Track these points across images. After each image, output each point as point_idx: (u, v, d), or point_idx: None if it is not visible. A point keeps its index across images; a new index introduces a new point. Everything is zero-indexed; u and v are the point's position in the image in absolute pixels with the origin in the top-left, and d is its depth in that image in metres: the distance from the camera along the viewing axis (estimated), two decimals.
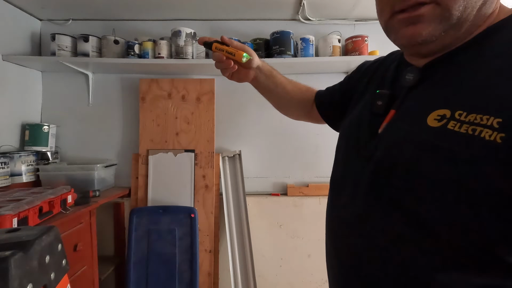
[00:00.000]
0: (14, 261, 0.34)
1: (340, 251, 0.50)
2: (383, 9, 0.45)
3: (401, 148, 0.41)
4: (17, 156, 1.72)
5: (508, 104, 0.33)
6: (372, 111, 0.51)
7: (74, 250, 1.44)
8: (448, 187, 0.36)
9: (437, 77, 0.43)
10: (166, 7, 1.88)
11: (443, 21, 0.39)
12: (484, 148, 0.33)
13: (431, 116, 0.39)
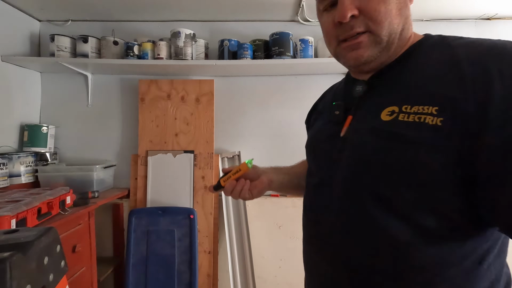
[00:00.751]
0: (13, 262, 0.34)
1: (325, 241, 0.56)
2: (330, 40, 0.56)
3: (364, 141, 0.51)
4: (15, 157, 1.71)
5: (438, 96, 0.44)
6: (331, 120, 0.60)
7: (73, 251, 1.44)
8: (407, 165, 0.45)
9: (381, 85, 0.54)
10: (166, 8, 1.88)
11: (377, 45, 0.51)
12: (430, 130, 0.43)
13: (383, 113, 0.49)
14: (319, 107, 0.74)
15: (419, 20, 2.08)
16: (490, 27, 2.09)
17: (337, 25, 0.52)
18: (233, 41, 1.89)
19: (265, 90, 2.06)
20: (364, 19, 0.50)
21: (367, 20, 0.50)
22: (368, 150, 0.50)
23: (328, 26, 0.54)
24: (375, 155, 0.48)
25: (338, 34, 0.53)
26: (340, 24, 0.51)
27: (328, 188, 0.56)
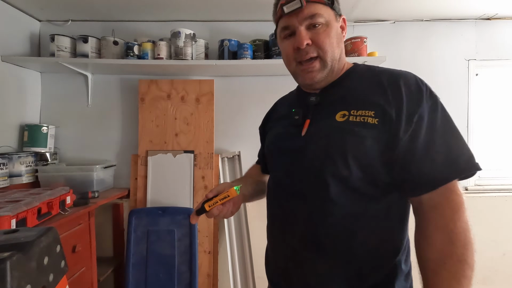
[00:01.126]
0: (12, 262, 0.34)
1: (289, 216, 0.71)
2: (290, 61, 0.73)
3: (326, 136, 0.67)
4: (15, 157, 1.71)
5: (374, 104, 0.64)
6: (292, 123, 0.75)
7: (72, 251, 1.44)
8: (359, 152, 0.63)
9: (329, 97, 0.72)
10: (166, 8, 1.88)
11: (324, 69, 0.71)
12: (371, 128, 0.63)
13: (337, 115, 0.67)
14: (273, 116, 0.89)
15: (419, 20, 2.08)
16: (490, 27, 2.09)
17: (295, 50, 0.70)
18: (233, 41, 1.89)
19: (265, 90, 2.06)
20: (315, 47, 0.69)
21: (317, 48, 0.69)
22: (330, 143, 0.66)
23: (289, 50, 0.71)
24: (335, 146, 0.65)
25: (296, 57, 0.71)
26: (298, 50, 0.69)
27: (292, 177, 0.71)
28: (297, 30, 0.68)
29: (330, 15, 0.70)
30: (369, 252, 0.64)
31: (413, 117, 0.62)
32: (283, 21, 0.71)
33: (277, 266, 0.77)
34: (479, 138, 2.12)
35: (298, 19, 0.68)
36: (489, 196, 2.03)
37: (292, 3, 0.67)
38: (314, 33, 0.68)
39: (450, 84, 2.09)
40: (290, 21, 0.69)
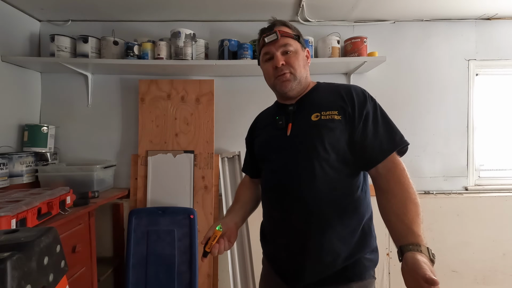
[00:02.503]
0: (13, 262, 0.34)
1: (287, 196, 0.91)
2: (270, 77, 0.99)
3: (308, 132, 0.91)
4: (15, 157, 1.71)
5: (336, 106, 0.90)
6: (277, 128, 0.97)
7: (73, 251, 1.44)
8: (332, 140, 0.87)
9: (303, 105, 0.97)
10: (166, 8, 1.88)
11: (295, 80, 0.96)
12: (337, 122, 0.88)
13: (312, 116, 0.92)
14: (258, 127, 1.11)
15: (419, 20, 2.08)
16: (490, 27, 2.09)
17: (274, 69, 0.96)
18: (233, 41, 1.89)
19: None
20: (288, 66, 0.95)
21: (289, 66, 0.95)
22: (311, 136, 0.90)
23: (269, 69, 0.98)
24: (316, 138, 0.89)
25: (274, 73, 0.96)
26: (276, 68, 0.95)
27: (285, 166, 0.92)
28: (275, 54, 0.95)
29: (297, 46, 0.99)
30: (348, 216, 0.90)
31: (362, 113, 0.89)
32: (265, 49, 0.98)
33: (278, 234, 0.97)
34: (479, 138, 2.13)
35: (275, 47, 0.95)
36: (489, 196, 2.03)
37: (271, 36, 0.96)
38: (287, 57, 0.95)
39: (450, 84, 2.09)
40: (270, 49, 0.97)
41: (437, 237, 2.00)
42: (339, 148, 0.88)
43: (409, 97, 2.09)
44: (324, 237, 0.86)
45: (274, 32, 0.95)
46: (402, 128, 2.23)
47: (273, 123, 0.99)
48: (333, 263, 0.87)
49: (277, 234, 0.97)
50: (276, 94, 1.06)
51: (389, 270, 2.01)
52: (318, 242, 0.86)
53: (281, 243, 0.94)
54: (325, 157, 0.87)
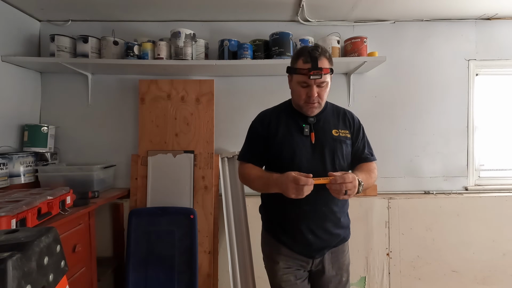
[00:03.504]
0: (13, 262, 0.34)
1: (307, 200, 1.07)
2: (301, 100, 1.16)
3: (329, 144, 1.19)
4: (15, 157, 1.71)
5: (345, 126, 1.26)
6: (303, 135, 1.19)
7: (73, 251, 1.44)
8: (344, 153, 1.21)
9: (320, 120, 1.22)
10: (166, 8, 1.88)
11: (320, 108, 1.20)
12: (349, 139, 1.24)
13: (332, 131, 1.21)
14: (273, 124, 1.24)
15: (419, 20, 2.08)
16: (490, 27, 2.09)
17: (307, 96, 1.14)
18: (233, 41, 1.89)
19: (265, 90, 2.06)
20: (318, 98, 1.14)
21: (319, 98, 1.15)
22: (335, 147, 1.19)
23: (302, 94, 1.15)
24: (338, 149, 1.19)
25: (306, 100, 1.15)
26: (309, 97, 1.14)
27: (310, 170, 1.08)
28: (312, 87, 1.12)
29: (329, 78, 1.16)
30: (347, 205, 1.30)
31: (359, 134, 1.26)
32: (305, 78, 1.11)
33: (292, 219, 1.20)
34: (479, 138, 2.13)
35: (315, 82, 1.12)
36: (489, 196, 2.03)
37: (316, 76, 1.10)
38: (319, 90, 1.14)
39: (450, 84, 2.09)
40: (309, 81, 1.12)
41: (437, 237, 2.00)
42: (348, 158, 1.23)
43: (409, 97, 2.09)
44: (338, 218, 1.22)
45: (320, 74, 1.09)
46: (402, 128, 2.25)
47: (297, 127, 1.20)
48: (342, 233, 1.25)
49: (301, 221, 1.18)
50: (294, 104, 1.24)
51: (389, 270, 2.01)
52: (334, 222, 1.21)
53: (306, 228, 1.18)
54: (341, 164, 1.19)
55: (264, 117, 1.29)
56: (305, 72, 1.10)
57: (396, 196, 2.02)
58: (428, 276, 2.00)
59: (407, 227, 2.00)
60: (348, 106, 2.06)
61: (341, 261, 1.27)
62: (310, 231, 1.18)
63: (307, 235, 1.18)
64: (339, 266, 1.26)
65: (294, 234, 1.20)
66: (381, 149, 2.07)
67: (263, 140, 1.24)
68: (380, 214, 2.00)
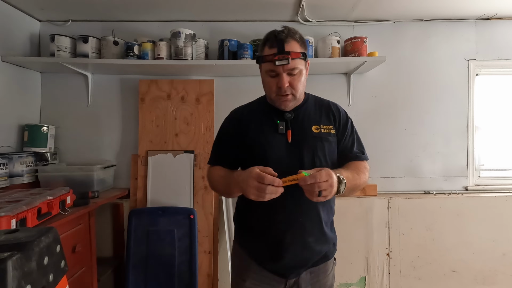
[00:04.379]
0: (13, 262, 0.34)
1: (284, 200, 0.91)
2: (271, 92, 1.01)
3: (308, 142, 1.01)
4: (15, 157, 1.71)
5: (330, 120, 1.08)
6: (277, 131, 1.03)
7: (73, 251, 1.44)
8: (327, 152, 1.02)
9: (299, 115, 1.05)
10: (166, 8, 1.88)
11: (294, 100, 1.01)
12: (333, 136, 1.06)
13: (313, 128, 1.04)
14: (245, 121, 1.10)
15: (419, 20, 2.08)
16: (490, 27, 2.09)
17: (277, 87, 0.98)
18: (233, 41, 1.89)
19: None
20: (290, 88, 0.98)
21: (292, 89, 0.99)
22: (315, 147, 1.01)
23: (272, 86, 1.00)
24: (319, 149, 1.02)
25: (277, 91, 0.99)
26: (280, 88, 0.98)
27: (288, 173, 0.89)
28: (281, 76, 0.96)
29: (303, 65, 1.00)
30: (332, 212, 1.11)
31: (346, 129, 1.09)
32: (271, 66, 0.96)
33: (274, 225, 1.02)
34: (479, 138, 2.13)
35: (283, 69, 0.96)
36: (489, 196, 2.03)
37: (282, 61, 0.94)
38: (291, 79, 0.97)
39: (450, 84, 2.09)
40: (277, 68, 0.96)
41: (437, 237, 2.00)
42: (333, 158, 1.05)
43: (409, 97, 2.09)
44: (321, 231, 1.04)
45: (287, 59, 0.93)
46: (402, 128, 2.24)
47: (271, 124, 1.04)
48: (324, 249, 1.06)
49: (274, 233, 1.01)
50: (267, 98, 1.08)
51: (389, 270, 2.01)
52: (315, 237, 1.02)
53: (279, 241, 1.00)
54: (323, 165, 0.98)
55: (235, 114, 1.17)
56: (271, 58, 0.95)
57: (396, 196, 2.02)
58: (428, 276, 2.00)
59: (407, 227, 2.00)
60: (348, 106, 2.06)
61: (322, 282, 1.06)
62: (285, 245, 0.99)
63: (281, 250, 0.99)
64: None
65: (266, 248, 1.02)
66: (381, 149, 2.08)
67: (233, 140, 1.09)
68: (380, 214, 2.00)
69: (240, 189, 0.90)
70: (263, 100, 1.13)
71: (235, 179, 0.94)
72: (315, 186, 0.82)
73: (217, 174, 1.09)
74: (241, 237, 1.13)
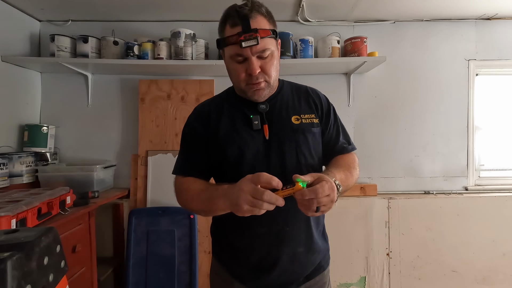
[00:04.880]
0: (13, 262, 0.34)
1: None
2: (241, 82, 0.85)
3: (288, 137, 0.87)
4: (15, 157, 1.71)
5: (311, 109, 0.93)
6: (251, 128, 0.87)
7: (73, 251, 1.44)
8: (314, 143, 0.90)
9: (275, 105, 0.90)
10: (166, 8, 1.88)
11: (268, 88, 0.86)
12: (316, 126, 0.90)
13: (292, 119, 0.89)
14: (213, 119, 0.92)
15: (419, 20, 2.08)
16: (490, 27, 2.09)
17: (247, 75, 0.83)
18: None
19: None
20: (263, 74, 0.83)
21: (265, 74, 0.83)
22: (297, 141, 0.87)
23: (240, 73, 0.83)
24: (302, 143, 0.87)
25: (247, 79, 0.84)
26: (250, 75, 0.82)
27: (265, 165, 0.84)
28: (250, 60, 0.80)
29: (274, 45, 0.84)
30: (322, 217, 0.97)
31: (329, 117, 0.95)
32: (238, 48, 0.79)
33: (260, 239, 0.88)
34: (479, 138, 2.13)
35: (252, 52, 0.79)
36: (489, 196, 2.03)
37: (250, 41, 0.77)
38: (263, 62, 0.82)
39: (450, 84, 2.09)
40: (244, 52, 0.79)
41: (437, 237, 2.00)
42: (319, 152, 0.91)
43: (409, 97, 2.09)
44: (310, 239, 0.90)
45: (255, 37, 0.76)
46: (402, 128, 2.24)
47: (243, 120, 0.88)
48: (317, 259, 0.93)
49: (259, 244, 0.86)
50: (236, 89, 0.93)
51: (389, 270, 2.01)
52: (305, 246, 0.89)
53: (266, 254, 0.86)
54: (308, 162, 0.87)
55: (202, 111, 0.94)
56: (235, 39, 0.78)
57: (396, 196, 2.02)
58: (428, 276, 2.00)
59: (407, 227, 2.00)
60: (348, 106, 2.06)
61: None
62: (271, 260, 0.85)
63: (267, 266, 0.85)
64: None
65: (250, 265, 0.87)
66: (381, 149, 2.08)
67: (203, 142, 0.90)
68: (380, 214, 2.00)
69: (227, 206, 0.72)
70: (232, 91, 0.97)
71: (220, 192, 0.75)
72: (314, 201, 0.67)
73: (192, 189, 0.85)
74: (220, 252, 0.95)
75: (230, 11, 0.82)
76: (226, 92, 1.00)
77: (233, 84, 0.92)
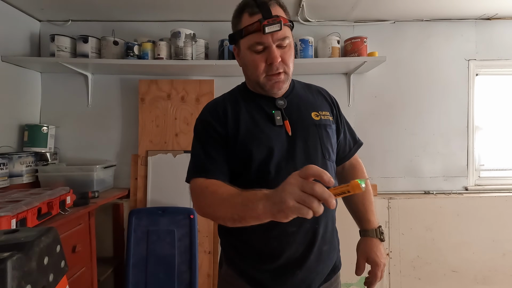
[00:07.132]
0: (13, 262, 0.34)
1: None
2: (260, 73, 0.81)
3: (312, 133, 0.85)
4: (15, 157, 1.71)
5: (326, 107, 0.93)
6: (276, 125, 0.84)
7: (73, 251, 1.44)
8: (332, 142, 0.88)
9: (292, 101, 0.88)
10: (166, 8, 1.88)
11: (287, 81, 0.85)
12: (331, 123, 0.90)
13: (312, 115, 0.88)
14: (231, 117, 0.85)
15: (419, 20, 2.08)
16: (490, 27, 2.09)
17: (267, 64, 0.80)
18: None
19: None
20: (282, 64, 0.80)
21: (284, 65, 0.81)
22: (321, 137, 0.86)
23: (260, 64, 0.80)
24: (325, 139, 0.86)
25: (267, 70, 0.81)
26: (270, 65, 0.79)
27: (291, 162, 0.81)
28: (271, 48, 0.78)
29: (291, 36, 0.82)
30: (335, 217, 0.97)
31: (340, 115, 0.96)
32: (258, 37, 0.77)
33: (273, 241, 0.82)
34: (479, 138, 2.13)
35: (273, 39, 0.77)
36: (489, 196, 2.03)
37: (273, 26, 0.75)
38: (282, 52, 0.80)
39: (450, 84, 2.09)
40: (266, 39, 0.77)
41: (437, 237, 2.00)
42: (334, 149, 0.91)
43: (409, 97, 2.09)
44: (333, 236, 0.93)
45: (278, 22, 0.74)
46: (402, 128, 2.24)
47: (264, 115, 0.84)
48: (334, 258, 0.95)
49: (285, 245, 0.80)
50: (251, 84, 0.89)
51: (389, 270, 2.01)
52: (329, 244, 0.89)
53: (293, 255, 0.80)
54: (332, 159, 0.88)
55: (216, 108, 0.88)
56: (257, 26, 0.75)
57: (396, 196, 2.02)
58: (428, 276, 2.00)
59: (407, 227, 2.00)
60: (348, 106, 2.06)
61: None
62: (298, 261, 0.81)
63: (293, 268, 0.80)
64: None
65: (273, 268, 0.80)
66: (381, 149, 2.08)
67: (223, 141, 0.83)
68: (380, 214, 2.00)
69: (267, 209, 0.58)
70: (243, 88, 0.94)
71: (260, 195, 0.61)
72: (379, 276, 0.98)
73: (221, 192, 0.72)
74: (235, 258, 0.86)
75: (247, 1, 0.83)
76: (238, 88, 0.97)
77: (250, 77, 0.85)
